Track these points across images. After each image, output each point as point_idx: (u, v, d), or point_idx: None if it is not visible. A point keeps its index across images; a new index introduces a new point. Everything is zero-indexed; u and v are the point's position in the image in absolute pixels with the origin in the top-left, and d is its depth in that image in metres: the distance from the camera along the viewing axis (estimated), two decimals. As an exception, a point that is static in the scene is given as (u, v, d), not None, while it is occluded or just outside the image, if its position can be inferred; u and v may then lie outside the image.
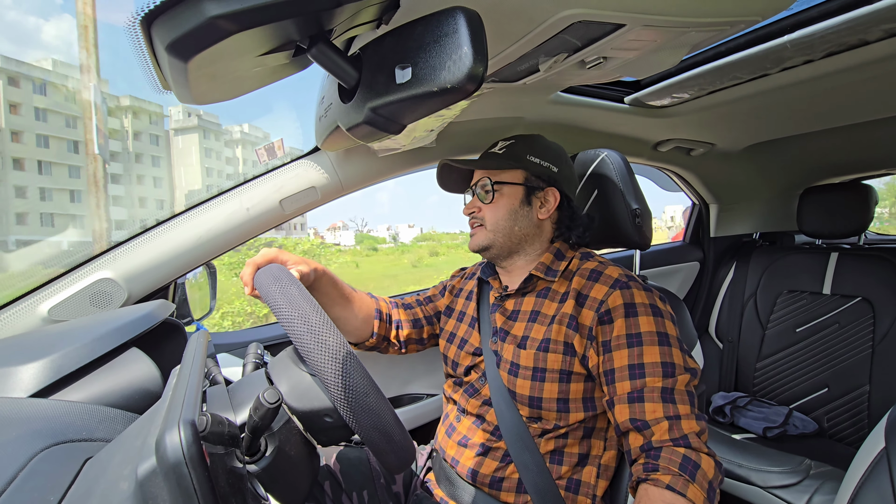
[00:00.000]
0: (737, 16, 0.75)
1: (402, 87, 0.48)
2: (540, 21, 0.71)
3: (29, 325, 0.94)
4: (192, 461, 0.37)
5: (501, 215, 0.99)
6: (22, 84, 34.60)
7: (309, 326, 0.60)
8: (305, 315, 0.61)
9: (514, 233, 0.99)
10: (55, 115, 35.88)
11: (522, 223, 0.99)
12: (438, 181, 1.09)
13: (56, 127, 35.87)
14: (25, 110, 34.56)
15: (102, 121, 6.26)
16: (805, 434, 1.69)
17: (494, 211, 0.99)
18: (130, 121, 43.58)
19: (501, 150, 1.01)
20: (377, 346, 1.12)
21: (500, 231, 0.99)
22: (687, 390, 0.80)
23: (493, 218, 0.99)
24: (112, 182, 42.66)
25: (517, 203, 0.99)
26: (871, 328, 1.67)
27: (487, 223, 0.99)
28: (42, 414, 0.56)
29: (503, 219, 0.98)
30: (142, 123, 44.72)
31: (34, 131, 34.66)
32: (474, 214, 1.02)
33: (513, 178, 0.99)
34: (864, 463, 0.78)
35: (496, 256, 1.02)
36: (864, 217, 1.80)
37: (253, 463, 0.57)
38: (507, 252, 1.01)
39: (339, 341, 0.60)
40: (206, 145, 49.09)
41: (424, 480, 1.06)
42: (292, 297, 0.64)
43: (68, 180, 37.06)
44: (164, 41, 0.42)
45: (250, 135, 55.60)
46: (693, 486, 0.70)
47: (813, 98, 1.28)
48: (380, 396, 0.60)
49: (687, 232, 2.34)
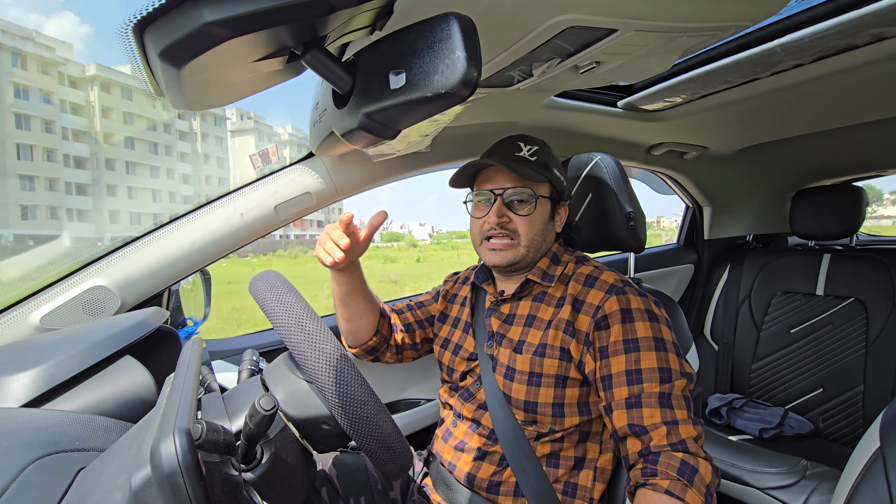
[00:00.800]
0: (728, 20, 0.76)
1: (397, 93, 0.48)
2: (533, 27, 0.71)
3: (21, 334, 0.93)
4: (187, 470, 0.36)
5: (537, 230, 0.94)
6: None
7: (306, 334, 0.60)
8: (302, 323, 0.61)
9: (542, 248, 0.97)
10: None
11: (549, 238, 0.98)
12: (454, 178, 1.00)
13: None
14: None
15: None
16: (801, 435, 1.70)
17: (531, 225, 0.93)
18: (199, 123, 46.37)
19: (533, 156, 0.94)
20: (377, 348, 1.11)
21: (533, 247, 0.94)
22: (684, 395, 0.81)
23: (528, 232, 0.93)
24: (183, 183, 45.81)
25: (547, 218, 0.97)
26: (865, 328, 1.69)
27: (522, 238, 0.93)
28: (34, 424, 0.55)
29: (538, 234, 0.94)
30: (207, 125, 47.91)
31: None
32: (504, 224, 0.93)
33: (545, 192, 0.96)
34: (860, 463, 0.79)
35: (517, 270, 0.99)
36: (855, 218, 1.81)
37: (249, 471, 0.56)
38: (527, 267, 0.98)
39: (336, 349, 0.59)
40: (260, 146, 50.55)
41: (422, 485, 1.06)
42: (289, 305, 0.64)
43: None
44: (157, 48, 0.42)
45: (294, 135, 61.21)
46: (691, 491, 0.70)
47: (803, 101, 1.30)
48: (378, 404, 0.60)
49: (681, 234, 2.36)
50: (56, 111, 36.16)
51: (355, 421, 0.57)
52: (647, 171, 2.02)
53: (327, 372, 0.57)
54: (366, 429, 0.57)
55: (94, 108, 39.79)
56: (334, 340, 0.61)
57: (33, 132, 34.58)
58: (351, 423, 0.57)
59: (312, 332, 0.60)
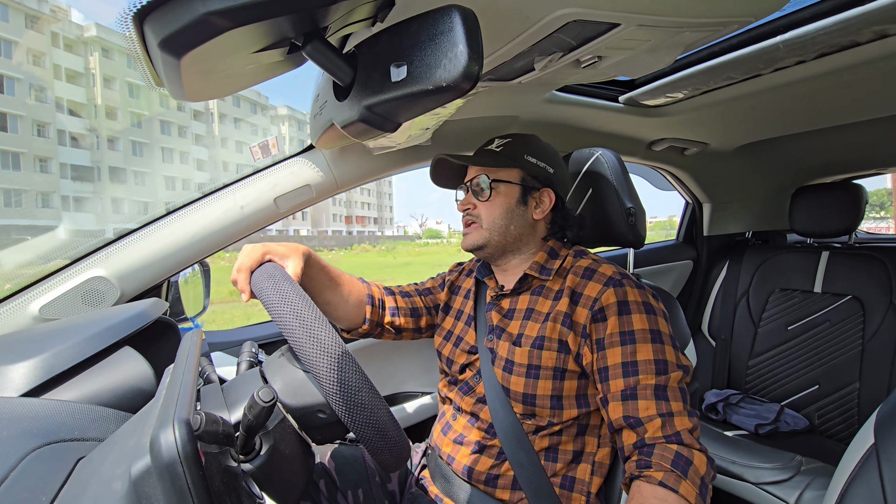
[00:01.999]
0: (730, 16, 0.75)
1: (398, 86, 0.48)
2: (535, 20, 0.71)
3: (20, 324, 0.93)
4: (186, 460, 0.36)
5: (498, 213, 0.98)
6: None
7: (301, 321, 0.60)
8: (298, 310, 0.61)
9: (510, 232, 0.99)
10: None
11: (518, 222, 0.99)
12: (431, 176, 1.08)
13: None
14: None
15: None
16: (796, 431, 1.71)
17: (490, 209, 0.99)
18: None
19: (499, 147, 1.00)
20: (370, 332, 1.10)
21: (496, 230, 0.98)
22: (679, 387, 0.81)
23: (489, 216, 0.99)
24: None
25: (513, 202, 0.99)
26: (861, 326, 1.69)
27: (483, 221, 0.99)
28: (33, 413, 0.55)
29: (499, 217, 0.98)
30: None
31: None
32: (469, 211, 1.01)
33: (510, 177, 0.99)
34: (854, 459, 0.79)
35: (490, 255, 1.02)
36: (854, 216, 1.81)
37: (248, 462, 0.56)
38: (502, 251, 1.01)
39: (332, 336, 0.59)
40: (252, 121, 49.69)
41: (419, 478, 1.06)
42: (285, 293, 0.64)
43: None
44: (157, 37, 0.41)
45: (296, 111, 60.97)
46: (685, 483, 0.70)
47: (805, 98, 1.29)
48: (373, 392, 0.60)
49: (680, 230, 2.36)
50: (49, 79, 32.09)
51: (350, 406, 0.57)
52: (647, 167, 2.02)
53: (322, 358, 0.57)
54: (360, 415, 0.57)
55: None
56: (329, 327, 0.61)
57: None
58: (345, 409, 0.57)
59: (307, 319, 0.60)
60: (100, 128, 38.02)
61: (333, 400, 0.57)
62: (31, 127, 32.18)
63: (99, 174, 38.22)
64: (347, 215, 68.23)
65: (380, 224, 74.87)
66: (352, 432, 0.59)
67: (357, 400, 0.57)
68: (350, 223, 67.54)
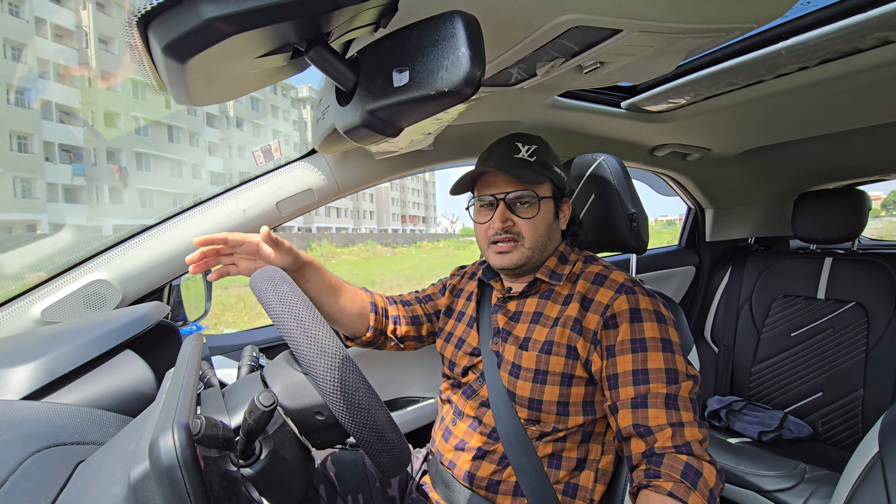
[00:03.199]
0: (733, 22, 0.75)
1: (400, 91, 0.48)
2: (537, 26, 0.71)
3: (21, 327, 0.93)
4: (185, 465, 0.36)
5: (542, 231, 0.94)
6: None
7: (299, 322, 0.59)
8: (296, 311, 0.61)
9: (548, 248, 0.97)
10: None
11: (555, 237, 0.97)
12: (455, 186, 1.00)
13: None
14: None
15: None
16: (800, 438, 1.70)
17: (535, 227, 0.93)
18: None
19: (531, 157, 0.94)
20: (374, 341, 1.11)
21: (538, 247, 0.94)
22: (690, 397, 0.80)
23: (533, 234, 0.93)
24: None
25: (552, 217, 0.96)
26: (865, 333, 1.68)
27: (526, 240, 0.93)
28: (34, 416, 0.55)
29: (542, 235, 0.94)
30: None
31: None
32: (509, 229, 0.93)
33: (547, 192, 0.95)
34: (859, 467, 0.79)
35: (525, 272, 0.98)
36: (858, 222, 1.81)
37: (247, 466, 0.56)
38: (534, 268, 0.98)
39: (329, 337, 0.59)
40: (272, 102, 48.83)
41: (420, 483, 1.06)
42: (284, 295, 0.64)
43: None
44: (160, 42, 0.42)
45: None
46: (694, 494, 0.69)
47: (807, 104, 1.29)
48: (371, 393, 0.59)
49: (683, 236, 2.35)
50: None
51: (348, 407, 0.57)
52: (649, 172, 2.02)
53: (319, 358, 0.57)
54: (358, 416, 0.57)
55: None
56: (327, 328, 0.60)
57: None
58: (343, 410, 0.57)
59: (306, 320, 0.60)
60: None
61: (331, 400, 0.57)
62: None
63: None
64: (402, 214, 69.33)
65: (427, 223, 76.20)
66: (350, 434, 0.59)
67: (354, 400, 0.57)
68: (405, 222, 68.61)
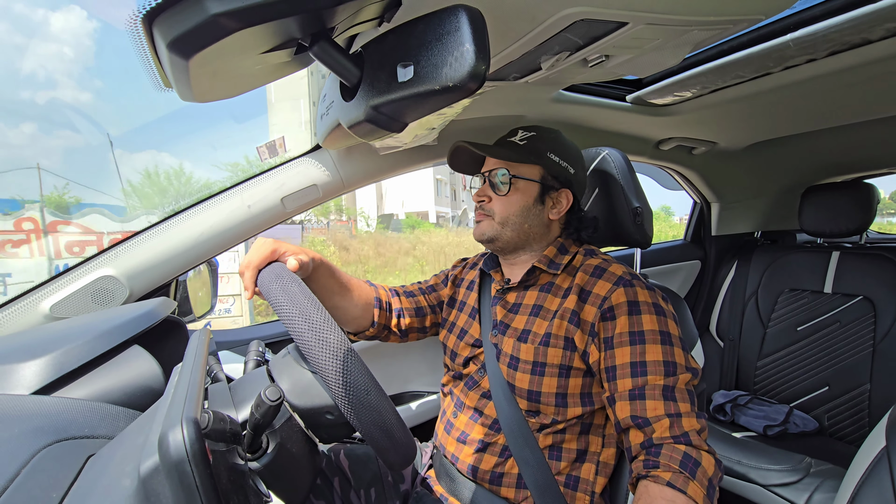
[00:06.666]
0: (739, 14, 0.75)
1: (404, 86, 0.48)
2: (542, 19, 0.70)
3: (31, 323, 0.94)
4: (194, 458, 0.37)
5: (514, 210, 0.96)
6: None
7: (310, 324, 0.60)
8: (306, 312, 0.61)
9: (524, 230, 0.98)
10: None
11: (533, 221, 0.98)
12: (449, 161, 1.06)
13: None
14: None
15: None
16: (805, 432, 1.69)
17: (506, 205, 0.97)
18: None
19: (522, 141, 0.97)
20: (377, 335, 1.11)
21: (509, 226, 0.97)
22: (687, 389, 0.81)
23: (503, 211, 0.97)
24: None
25: (531, 200, 0.97)
26: (873, 327, 1.67)
27: (497, 215, 0.97)
28: (44, 411, 0.56)
29: (514, 214, 0.96)
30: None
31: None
32: (483, 204, 0.99)
33: (530, 174, 0.97)
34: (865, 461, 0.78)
35: (500, 249, 1.01)
36: (865, 216, 1.79)
37: (255, 460, 0.57)
38: (513, 247, 1.00)
39: (340, 339, 0.60)
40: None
41: (425, 477, 1.07)
42: (293, 295, 0.64)
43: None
44: (165, 39, 0.42)
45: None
46: (693, 484, 0.70)
47: (815, 97, 1.28)
48: (381, 394, 0.60)
49: (688, 230, 2.34)
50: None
51: (357, 408, 0.57)
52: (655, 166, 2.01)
53: (331, 361, 0.58)
54: (368, 417, 0.58)
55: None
56: (337, 329, 0.61)
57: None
58: (353, 411, 0.57)
59: (317, 322, 0.60)
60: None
61: (342, 402, 0.57)
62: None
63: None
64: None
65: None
66: (359, 433, 0.60)
67: (365, 402, 0.58)
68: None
